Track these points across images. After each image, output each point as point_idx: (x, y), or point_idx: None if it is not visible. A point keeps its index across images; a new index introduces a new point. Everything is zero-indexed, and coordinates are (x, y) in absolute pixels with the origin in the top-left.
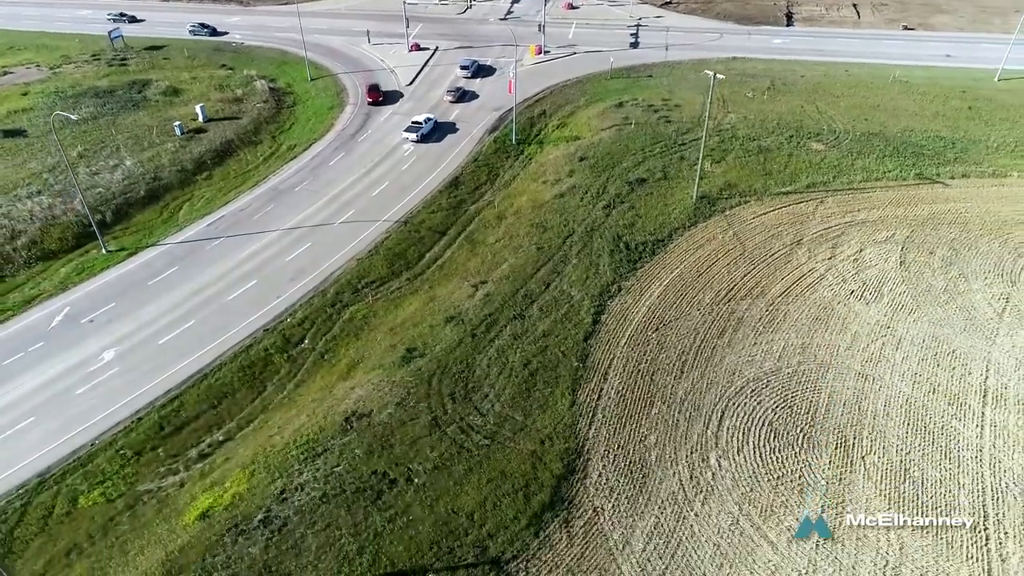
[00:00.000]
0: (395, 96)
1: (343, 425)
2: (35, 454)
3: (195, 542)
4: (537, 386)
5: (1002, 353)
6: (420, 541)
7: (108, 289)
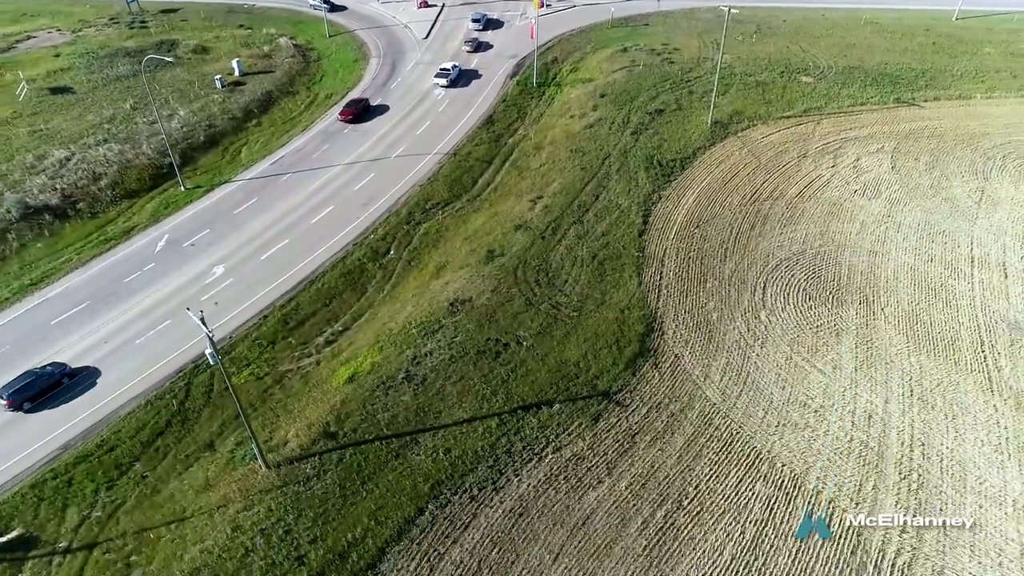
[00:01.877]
0: (381, 109)
1: (449, 309)
2: (181, 348)
3: (351, 397)
4: (607, 272)
5: (982, 230)
6: (540, 383)
7: (198, 219)
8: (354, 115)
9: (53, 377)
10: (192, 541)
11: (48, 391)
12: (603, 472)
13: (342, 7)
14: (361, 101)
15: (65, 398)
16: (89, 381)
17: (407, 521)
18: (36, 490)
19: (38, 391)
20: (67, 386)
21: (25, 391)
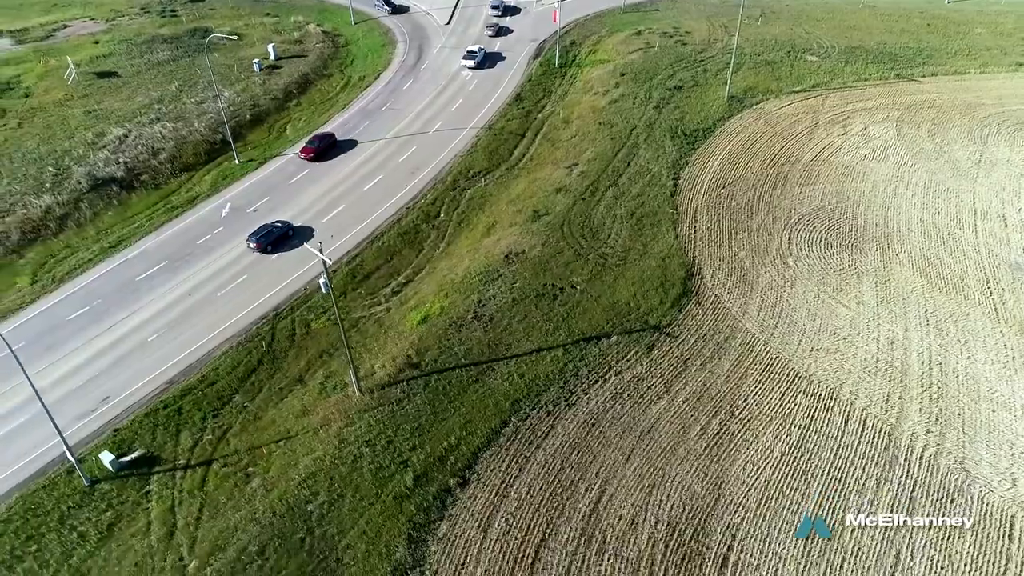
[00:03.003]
0: (348, 145)
1: (505, 260)
2: (263, 296)
3: (427, 335)
4: (645, 227)
5: (983, 187)
6: (596, 320)
7: (256, 188)
8: (316, 153)
9: (283, 229)
10: (302, 453)
11: (280, 239)
12: (661, 390)
13: (404, 8)
14: (327, 137)
15: (289, 246)
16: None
17: (494, 431)
18: (150, 418)
19: (275, 239)
20: (291, 237)
21: (267, 238)
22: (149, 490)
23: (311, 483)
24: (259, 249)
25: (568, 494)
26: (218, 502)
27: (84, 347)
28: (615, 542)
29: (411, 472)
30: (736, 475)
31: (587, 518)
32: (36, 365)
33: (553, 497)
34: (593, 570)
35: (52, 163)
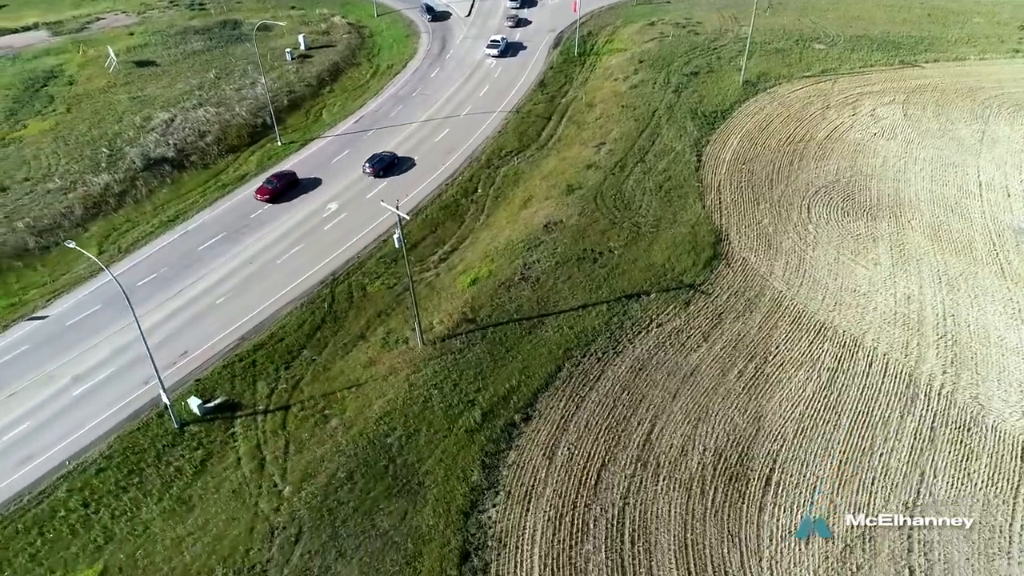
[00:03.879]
0: (311, 185)
1: (545, 229)
2: (319, 265)
3: (479, 294)
4: (673, 199)
5: (986, 162)
6: (635, 279)
7: (301, 167)
8: (273, 194)
9: (391, 158)
10: (375, 397)
11: (389, 167)
12: (700, 339)
13: (446, 14)
14: (287, 176)
15: (395, 172)
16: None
17: (550, 375)
18: (228, 370)
19: (386, 165)
20: (397, 164)
21: (380, 164)
22: (234, 431)
23: (387, 420)
24: (374, 174)
25: (622, 427)
26: (301, 439)
27: (157, 309)
28: (668, 466)
29: (478, 410)
30: (773, 410)
31: (641, 447)
32: (116, 325)
33: (609, 430)
34: (650, 489)
35: (105, 144)
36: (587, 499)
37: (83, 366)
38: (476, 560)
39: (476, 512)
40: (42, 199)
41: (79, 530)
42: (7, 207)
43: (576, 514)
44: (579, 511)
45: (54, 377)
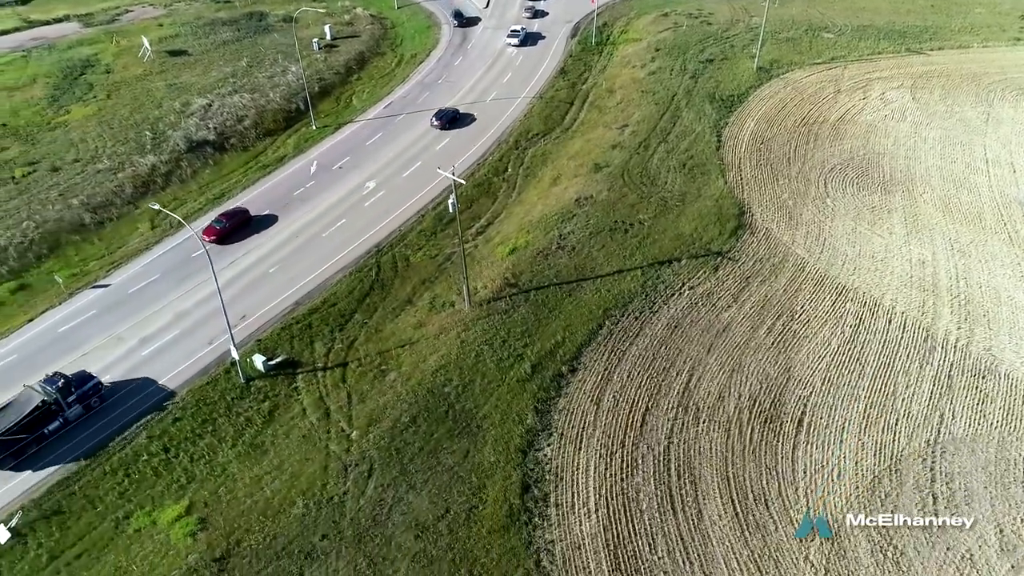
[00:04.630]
0: (267, 222)
1: (576, 203)
2: (363, 237)
3: (518, 262)
4: (697, 175)
5: (992, 140)
6: (666, 247)
7: (337, 149)
8: (220, 235)
9: (455, 113)
10: (428, 353)
11: (453, 120)
12: (730, 300)
13: (476, 19)
14: (238, 214)
15: (459, 126)
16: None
17: (592, 332)
18: (286, 331)
19: (450, 119)
20: (459, 119)
21: (446, 117)
22: (297, 386)
23: (443, 373)
24: (441, 127)
25: (662, 377)
26: (362, 391)
27: (212, 278)
28: (707, 411)
29: (528, 362)
30: (802, 361)
31: (681, 394)
32: (175, 293)
33: (650, 380)
34: (692, 431)
35: (148, 128)
36: (634, 439)
37: (149, 329)
38: (536, 491)
39: (532, 450)
40: (92, 179)
41: (162, 472)
42: (61, 186)
43: (625, 452)
44: (627, 449)
45: (123, 339)
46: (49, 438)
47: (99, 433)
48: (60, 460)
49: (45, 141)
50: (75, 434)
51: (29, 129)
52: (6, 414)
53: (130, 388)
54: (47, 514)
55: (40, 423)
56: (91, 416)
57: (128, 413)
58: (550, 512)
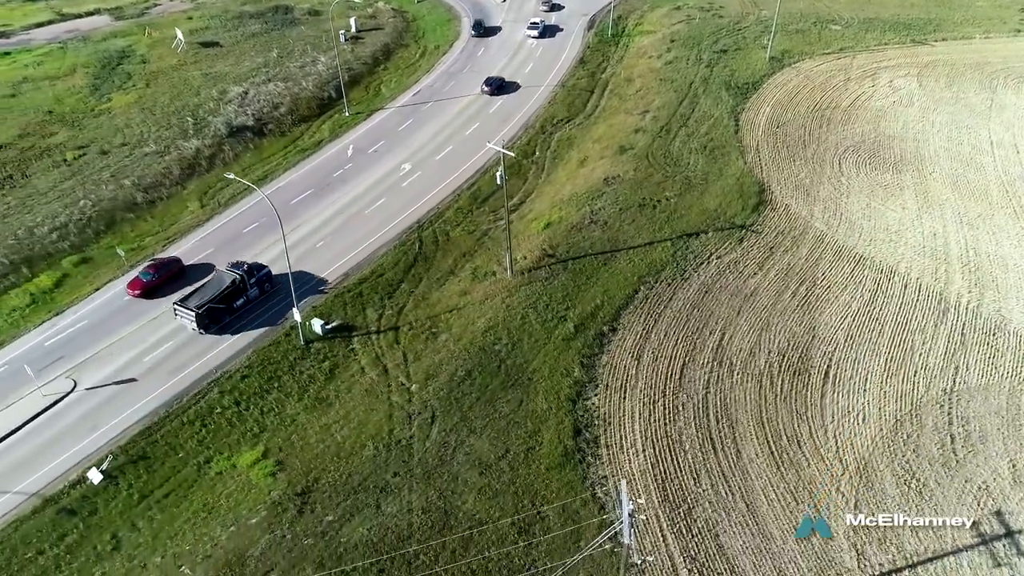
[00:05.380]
0: (206, 270)
1: (604, 183)
2: (403, 215)
3: (554, 235)
4: (717, 157)
5: (996, 124)
6: (692, 221)
7: (371, 134)
8: (146, 288)
9: (501, 80)
10: (476, 317)
11: (502, 87)
12: (756, 268)
13: (497, 28)
14: (168, 265)
15: (506, 92)
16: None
17: (628, 297)
18: (338, 299)
19: (499, 85)
20: (506, 86)
21: (495, 83)
22: (353, 347)
23: (492, 333)
24: (491, 93)
25: (697, 336)
26: (417, 350)
27: (266, 251)
28: (740, 364)
29: (571, 323)
30: (825, 322)
31: (715, 351)
32: None
33: (685, 338)
34: (727, 382)
35: (189, 115)
36: (674, 389)
37: None
38: (587, 434)
39: (581, 400)
40: (140, 161)
41: (235, 422)
42: (111, 168)
43: (666, 401)
44: (668, 399)
45: None
46: (237, 312)
47: (271, 309)
48: (247, 328)
49: (91, 127)
50: (254, 310)
51: (74, 115)
52: (206, 289)
53: None
54: (133, 459)
55: (231, 298)
56: (265, 298)
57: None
58: (601, 452)
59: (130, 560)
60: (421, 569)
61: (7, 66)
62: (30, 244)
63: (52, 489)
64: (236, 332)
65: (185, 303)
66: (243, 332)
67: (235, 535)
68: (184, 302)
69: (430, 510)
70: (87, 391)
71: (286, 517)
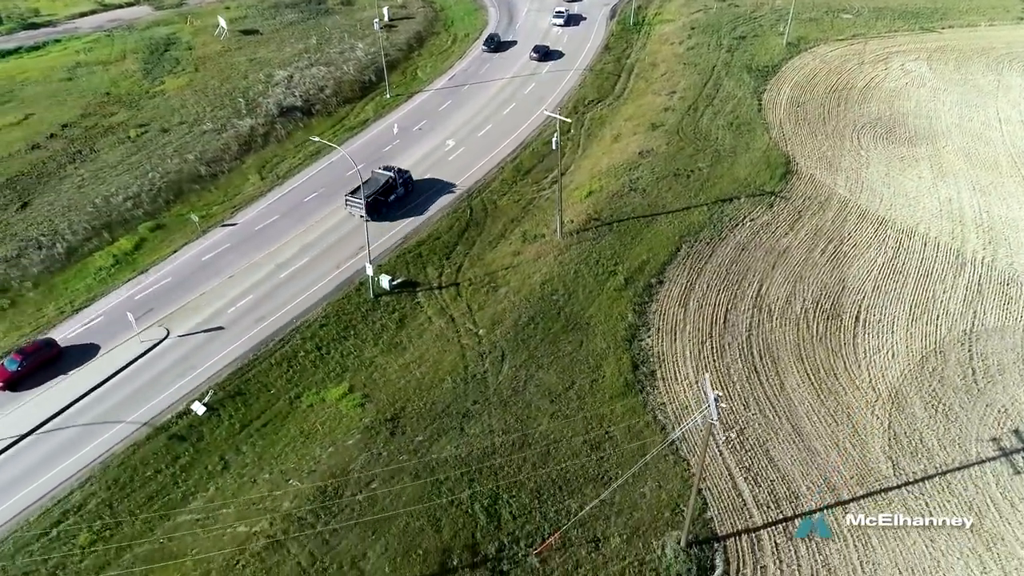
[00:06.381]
0: (73, 359)
1: (639, 156)
2: (456, 182)
3: (597, 201)
4: (743, 132)
5: (1003, 103)
6: (725, 189)
7: (413, 114)
8: (12, 379)
9: (547, 48)
10: (531, 272)
11: (548, 55)
12: (787, 228)
13: (512, 42)
14: (40, 349)
15: (552, 59)
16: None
17: (671, 254)
18: (400, 259)
19: (545, 53)
20: (552, 54)
21: (542, 51)
22: (419, 301)
23: (549, 285)
24: (539, 59)
25: (737, 287)
26: (479, 301)
27: (327, 217)
28: (778, 310)
29: (621, 276)
30: (853, 274)
31: (754, 299)
32: (296, 229)
33: (726, 289)
34: (767, 326)
35: (240, 96)
36: (719, 332)
37: (282, 257)
38: (644, 368)
39: (636, 340)
40: (200, 138)
41: (319, 364)
42: (173, 144)
43: (713, 341)
44: (715, 339)
45: (259, 265)
46: (390, 205)
47: (413, 202)
48: (402, 217)
49: (148, 107)
50: (402, 205)
51: (130, 97)
52: (370, 185)
53: None
54: (231, 394)
55: (387, 193)
56: (408, 196)
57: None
58: (658, 383)
59: (240, 476)
60: (506, 478)
61: (59, 52)
62: (107, 212)
63: (161, 419)
64: (393, 220)
65: (355, 195)
66: (398, 219)
67: (334, 454)
68: (354, 194)
69: (509, 431)
70: (179, 338)
71: (380, 439)
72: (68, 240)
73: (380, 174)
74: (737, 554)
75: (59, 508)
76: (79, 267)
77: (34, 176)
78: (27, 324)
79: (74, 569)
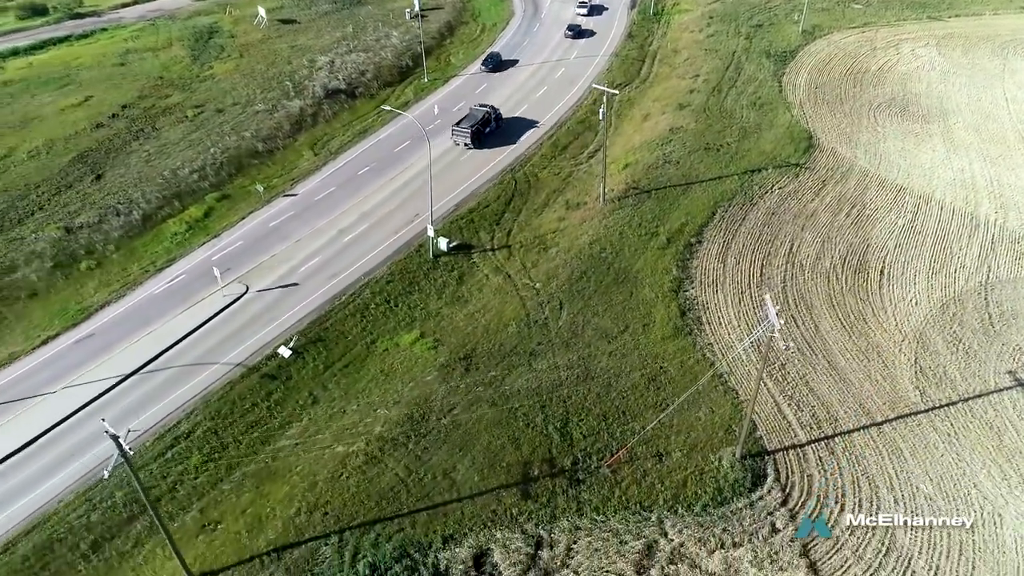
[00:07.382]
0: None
1: (670, 132)
2: (493, 161)
3: (634, 172)
4: (767, 111)
5: (1009, 84)
6: (753, 160)
7: (451, 96)
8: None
9: (580, 27)
10: (579, 234)
11: (581, 33)
12: (813, 195)
13: (514, 62)
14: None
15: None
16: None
17: (708, 217)
18: (454, 224)
19: (579, 31)
20: (585, 33)
21: (576, 29)
22: (474, 261)
23: (597, 245)
24: (573, 37)
25: (770, 246)
26: (532, 260)
27: (381, 189)
28: (810, 265)
29: (663, 236)
30: (876, 235)
31: (786, 256)
32: (352, 200)
33: (761, 247)
34: (800, 278)
35: (287, 79)
36: (757, 284)
37: (343, 223)
38: (690, 315)
39: (681, 291)
40: (254, 118)
41: (388, 315)
42: (229, 123)
43: (751, 292)
44: (752, 290)
45: (323, 231)
46: (487, 136)
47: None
48: (496, 145)
49: (201, 90)
50: (496, 135)
51: (182, 80)
52: (470, 118)
53: None
54: (312, 340)
55: (485, 125)
56: (500, 129)
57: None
58: (704, 328)
59: (330, 408)
60: (574, 405)
61: (108, 40)
62: (176, 183)
63: (251, 361)
64: (490, 147)
65: (460, 126)
66: (495, 147)
67: (415, 387)
68: (459, 125)
69: (573, 367)
70: (258, 293)
71: (456, 374)
72: (143, 208)
73: (477, 110)
74: (786, 465)
75: (170, 435)
76: (155, 232)
77: (102, 152)
78: (115, 281)
79: (191, 484)
